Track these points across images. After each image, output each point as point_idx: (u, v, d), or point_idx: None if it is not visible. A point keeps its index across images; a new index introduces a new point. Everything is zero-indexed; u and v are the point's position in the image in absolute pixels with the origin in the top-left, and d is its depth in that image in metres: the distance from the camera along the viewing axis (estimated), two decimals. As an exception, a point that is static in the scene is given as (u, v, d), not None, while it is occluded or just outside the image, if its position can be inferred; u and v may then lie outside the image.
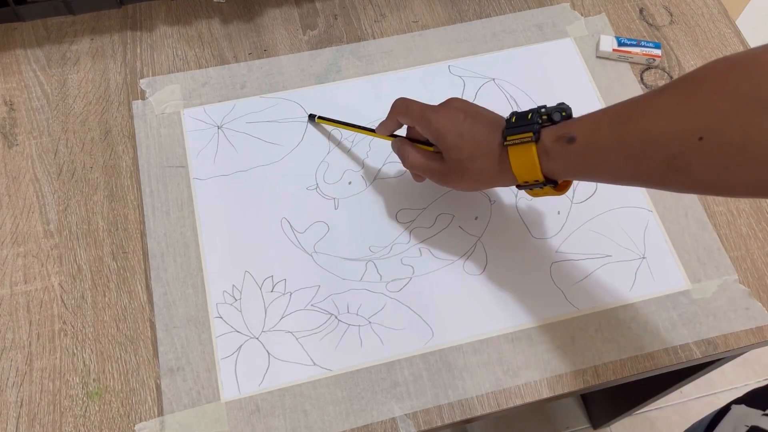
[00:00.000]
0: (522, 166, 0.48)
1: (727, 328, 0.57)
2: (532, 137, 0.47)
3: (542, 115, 0.48)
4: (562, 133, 0.47)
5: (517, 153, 0.48)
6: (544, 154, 0.48)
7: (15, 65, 0.69)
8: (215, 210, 0.62)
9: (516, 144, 0.48)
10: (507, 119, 0.50)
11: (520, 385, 0.55)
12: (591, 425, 1.28)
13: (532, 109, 0.49)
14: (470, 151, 0.51)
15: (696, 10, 0.75)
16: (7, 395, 0.54)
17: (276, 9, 0.74)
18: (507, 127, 0.49)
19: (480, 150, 0.50)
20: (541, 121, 0.48)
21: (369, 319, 0.57)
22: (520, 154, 0.48)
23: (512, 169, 0.49)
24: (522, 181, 0.50)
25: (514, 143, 0.48)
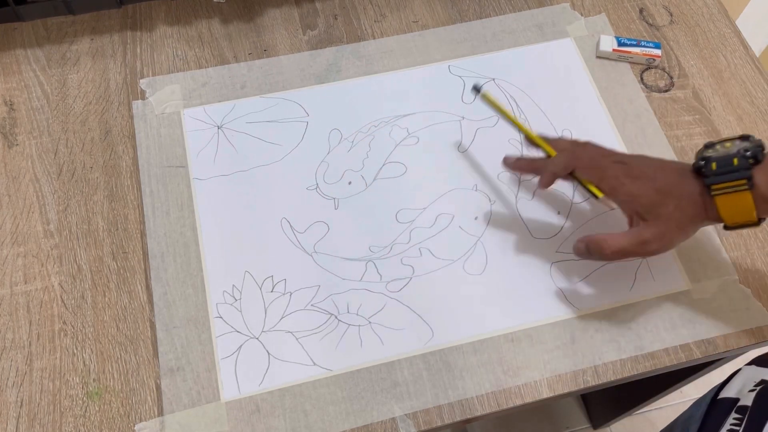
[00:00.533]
0: (734, 212, 0.47)
1: (727, 328, 0.57)
2: (747, 185, 0.46)
3: (749, 158, 0.46)
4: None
5: (727, 201, 0.47)
6: (761, 200, 0.46)
7: (15, 65, 0.69)
8: (215, 210, 0.62)
9: (727, 193, 0.46)
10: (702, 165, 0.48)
11: (520, 385, 0.55)
12: (591, 425, 1.28)
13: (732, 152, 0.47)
14: (675, 204, 0.48)
15: (696, 10, 0.75)
16: (7, 395, 0.54)
17: (276, 9, 0.74)
18: (709, 175, 0.47)
19: (684, 201, 0.48)
20: (749, 165, 0.46)
21: (369, 319, 0.57)
22: (732, 202, 0.46)
23: (721, 215, 0.47)
24: (731, 224, 0.48)
25: (724, 192, 0.46)
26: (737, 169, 0.46)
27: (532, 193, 0.63)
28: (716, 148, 0.48)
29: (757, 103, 0.69)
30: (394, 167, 0.64)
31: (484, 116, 0.67)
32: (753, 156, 0.46)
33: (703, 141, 0.66)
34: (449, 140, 0.66)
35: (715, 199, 0.47)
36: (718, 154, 0.48)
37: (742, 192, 0.46)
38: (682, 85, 0.70)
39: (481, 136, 0.66)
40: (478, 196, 0.63)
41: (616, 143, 0.66)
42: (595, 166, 0.53)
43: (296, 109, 0.67)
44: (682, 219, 0.49)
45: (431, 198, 0.63)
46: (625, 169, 0.51)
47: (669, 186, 0.49)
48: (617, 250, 0.50)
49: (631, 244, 0.50)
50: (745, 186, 0.46)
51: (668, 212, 0.48)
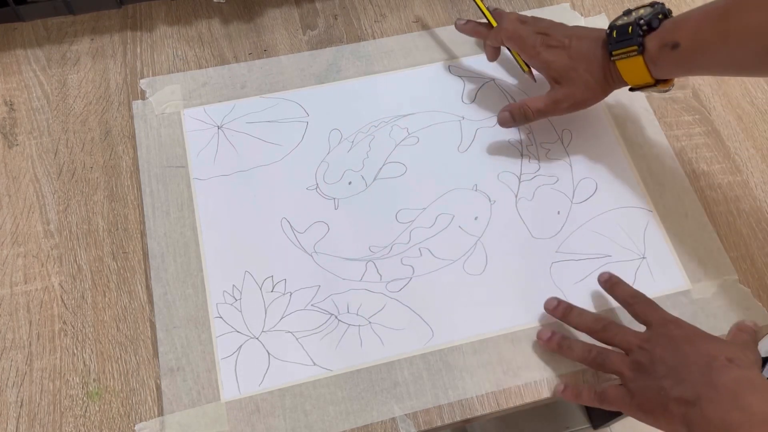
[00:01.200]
0: (632, 75, 0.54)
1: (727, 328, 0.57)
2: (638, 50, 0.53)
3: (642, 27, 0.52)
4: (665, 41, 0.52)
5: (625, 65, 0.54)
6: (651, 62, 0.53)
7: (15, 65, 0.69)
8: (215, 210, 0.62)
9: (623, 58, 0.54)
10: (608, 33, 0.55)
11: (520, 385, 0.55)
12: (591, 425, 1.28)
13: (630, 21, 0.53)
14: (585, 67, 0.56)
15: (696, 10, 0.75)
16: (7, 395, 0.54)
17: (276, 9, 0.74)
18: (609, 43, 0.54)
19: (593, 65, 0.56)
20: (642, 33, 0.53)
21: (369, 319, 0.57)
22: (629, 65, 0.54)
23: (623, 77, 0.55)
24: (633, 85, 0.56)
25: (621, 57, 0.54)
26: (630, 37, 0.53)
27: (532, 193, 0.63)
28: (631, 14, 0.55)
29: (757, 103, 0.69)
30: (394, 167, 0.64)
31: (484, 116, 0.67)
32: (647, 23, 0.53)
33: (702, 141, 0.67)
34: (449, 140, 0.66)
35: (615, 63, 0.55)
36: (623, 22, 0.54)
37: (635, 57, 0.53)
38: (682, 85, 0.70)
39: (481, 136, 0.66)
40: (478, 196, 0.63)
41: (616, 143, 0.66)
42: (517, 37, 0.60)
43: (296, 109, 0.67)
44: (591, 80, 0.57)
45: (431, 198, 0.63)
46: (543, 39, 0.59)
47: (581, 52, 0.57)
48: (536, 110, 0.60)
49: (546, 104, 0.59)
50: (635, 52, 0.53)
51: (578, 75, 0.57)
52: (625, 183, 0.64)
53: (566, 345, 0.53)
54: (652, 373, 0.47)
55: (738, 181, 0.64)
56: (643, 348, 0.48)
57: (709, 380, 0.44)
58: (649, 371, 0.47)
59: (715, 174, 0.65)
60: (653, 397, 0.46)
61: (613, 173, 0.64)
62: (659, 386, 0.46)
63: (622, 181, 0.64)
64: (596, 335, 0.52)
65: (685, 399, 0.44)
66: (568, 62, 0.57)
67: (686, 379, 0.45)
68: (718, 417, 0.42)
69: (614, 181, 0.64)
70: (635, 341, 0.49)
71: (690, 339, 0.48)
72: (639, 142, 0.66)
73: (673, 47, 0.51)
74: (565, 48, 0.58)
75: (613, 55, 0.55)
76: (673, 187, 0.64)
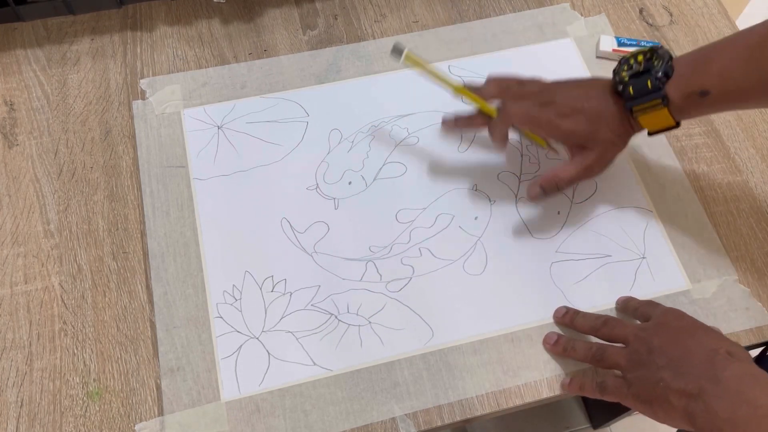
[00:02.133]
0: (654, 124, 0.53)
1: (727, 328, 0.57)
2: (662, 102, 0.51)
3: (660, 79, 0.51)
4: (691, 89, 0.50)
5: (648, 117, 0.52)
6: (677, 110, 0.52)
7: (15, 65, 0.69)
8: (215, 210, 0.62)
9: (647, 112, 0.52)
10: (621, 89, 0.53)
11: (520, 385, 0.55)
12: (591, 425, 1.28)
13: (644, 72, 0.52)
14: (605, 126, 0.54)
15: (696, 10, 0.75)
16: (7, 395, 0.54)
17: (276, 9, 0.74)
18: (627, 99, 0.52)
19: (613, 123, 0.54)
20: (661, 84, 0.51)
21: (369, 319, 0.57)
22: (652, 117, 0.52)
23: (644, 126, 0.54)
24: (654, 131, 0.54)
25: (644, 112, 0.52)
26: (651, 91, 0.51)
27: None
28: (630, 63, 0.54)
29: (757, 103, 0.69)
30: (394, 167, 0.64)
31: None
32: (665, 74, 0.51)
33: (702, 141, 0.67)
34: (449, 140, 0.66)
35: (637, 117, 0.53)
36: (632, 72, 0.53)
37: (659, 110, 0.51)
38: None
39: (481, 136, 0.66)
40: (478, 196, 0.63)
41: (616, 143, 0.66)
42: (528, 119, 0.56)
43: (296, 109, 0.67)
44: (614, 137, 0.55)
45: (431, 198, 0.63)
46: (555, 110, 0.55)
47: (598, 113, 0.54)
48: (570, 179, 0.56)
49: (578, 171, 0.56)
50: (660, 105, 0.51)
51: (602, 136, 0.54)
52: (625, 183, 0.64)
53: (570, 346, 0.54)
54: (650, 364, 0.47)
55: (738, 181, 0.64)
56: (639, 337, 0.49)
57: (712, 374, 0.44)
58: (646, 361, 0.47)
59: (715, 174, 0.65)
60: (652, 388, 0.46)
61: (613, 173, 0.64)
62: (658, 377, 0.46)
63: (622, 181, 0.64)
64: (598, 333, 0.53)
65: (688, 392, 0.44)
66: (589, 127, 0.54)
67: (688, 372, 0.45)
68: (723, 411, 0.42)
69: (614, 181, 0.64)
70: (633, 331, 0.50)
71: (689, 330, 0.48)
72: (639, 142, 0.66)
73: (702, 95, 0.50)
74: (580, 112, 0.54)
75: (633, 112, 0.53)
76: (673, 187, 0.64)
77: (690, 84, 0.50)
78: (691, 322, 0.50)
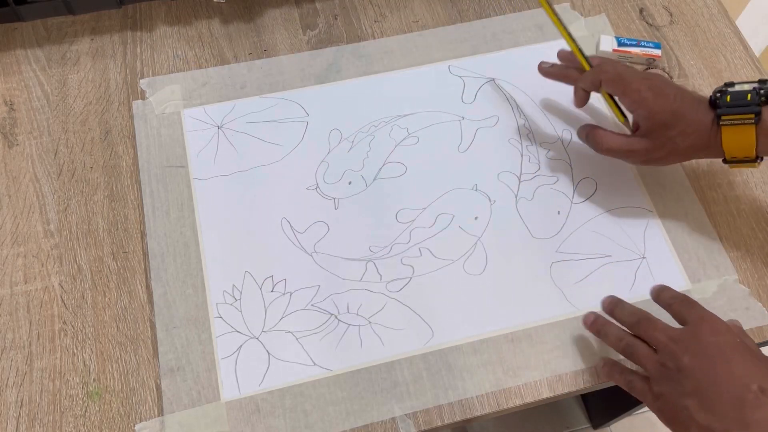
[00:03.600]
0: (735, 145, 0.50)
1: (727, 328, 0.57)
2: (754, 119, 0.49)
3: (762, 96, 0.49)
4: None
5: (732, 133, 0.50)
6: (764, 135, 0.50)
7: (15, 65, 0.69)
8: (215, 210, 0.62)
9: (735, 124, 0.50)
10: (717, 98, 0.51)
11: (520, 385, 0.55)
12: (591, 425, 1.28)
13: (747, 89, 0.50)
14: (682, 129, 0.52)
15: (696, 10, 0.75)
16: (7, 395, 0.54)
17: (276, 9, 0.74)
18: (721, 106, 0.51)
19: (692, 128, 0.52)
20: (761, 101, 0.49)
21: (369, 319, 0.57)
22: (737, 134, 0.50)
23: (723, 146, 0.51)
24: (730, 157, 0.52)
25: (732, 123, 0.50)
26: (749, 104, 0.49)
27: (532, 193, 0.63)
28: (735, 86, 0.52)
29: (757, 103, 0.69)
30: (394, 167, 0.64)
31: (484, 116, 0.67)
32: (766, 95, 0.49)
33: (703, 141, 0.67)
34: (449, 140, 0.66)
35: (722, 128, 0.50)
36: (739, 88, 0.51)
37: (748, 125, 0.49)
38: (682, 85, 0.70)
39: (481, 136, 0.66)
40: (478, 196, 0.63)
41: (616, 143, 0.66)
42: (619, 79, 0.55)
43: (296, 109, 0.67)
44: (681, 145, 0.53)
45: (431, 198, 0.63)
46: (648, 84, 0.54)
47: (683, 110, 0.52)
48: (609, 148, 0.56)
49: (622, 148, 0.55)
50: (752, 120, 0.49)
51: (671, 135, 0.52)
52: (625, 183, 0.64)
53: (603, 331, 0.52)
54: (677, 383, 0.45)
55: (738, 181, 0.64)
56: (670, 350, 0.46)
57: (741, 417, 0.42)
58: (674, 379, 0.45)
59: (715, 174, 0.65)
60: (675, 411, 0.45)
61: (613, 173, 0.64)
62: (684, 404, 0.44)
63: (622, 181, 0.64)
64: (632, 329, 0.51)
65: (712, 430, 0.43)
66: (669, 118, 0.53)
67: (715, 409, 0.43)
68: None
69: (614, 181, 0.64)
70: (663, 339, 0.47)
71: (724, 353, 0.45)
72: (639, 142, 0.66)
73: None
74: (670, 98, 0.53)
75: (722, 120, 0.50)
76: (673, 187, 0.64)
77: None
78: (727, 340, 0.46)
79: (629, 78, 0.55)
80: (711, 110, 0.52)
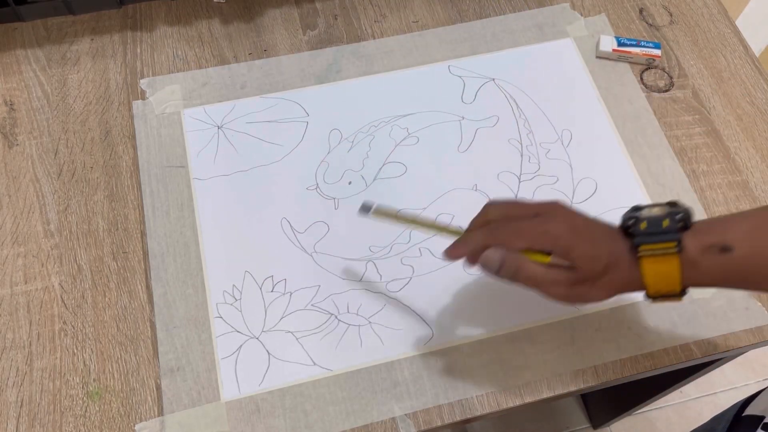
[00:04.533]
0: (658, 278, 0.43)
1: (727, 328, 0.57)
2: (676, 247, 0.42)
3: (678, 221, 0.43)
4: (712, 242, 0.42)
5: (653, 264, 0.43)
6: (689, 265, 0.42)
7: (15, 65, 0.69)
8: (215, 210, 0.62)
9: (656, 254, 0.43)
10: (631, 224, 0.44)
11: (520, 385, 0.55)
12: (591, 425, 1.28)
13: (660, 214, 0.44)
14: (606, 262, 0.44)
15: (696, 10, 0.75)
16: (7, 395, 0.54)
17: (276, 9, 0.74)
18: (637, 234, 0.43)
19: (613, 259, 0.44)
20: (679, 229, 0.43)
21: (369, 319, 0.57)
22: (658, 265, 0.43)
23: (644, 280, 0.43)
24: (653, 292, 0.44)
25: (652, 254, 0.43)
26: (667, 231, 0.43)
27: (532, 193, 0.63)
28: (644, 211, 0.45)
29: (757, 103, 0.69)
30: (394, 167, 0.64)
31: (484, 116, 0.67)
32: (683, 220, 0.43)
33: (703, 141, 0.67)
34: (449, 140, 0.66)
35: (641, 260, 0.43)
36: (651, 214, 0.44)
37: (670, 255, 0.42)
38: (682, 85, 0.70)
39: (481, 136, 0.66)
40: (478, 196, 0.63)
41: (615, 143, 0.66)
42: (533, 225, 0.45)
43: (296, 109, 0.67)
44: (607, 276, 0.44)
45: (431, 198, 0.63)
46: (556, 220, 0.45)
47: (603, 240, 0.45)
48: (529, 277, 0.45)
49: (545, 278, 0.45)
50: (673, 249, 0.42)
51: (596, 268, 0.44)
52: (625, 183, 0.64)
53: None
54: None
55: (738, 181, 0.64)
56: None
57: None
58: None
59: (714, 174, 0.65)
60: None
61: (613, 173, 0.64)
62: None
63: (622, 181, 0.64)
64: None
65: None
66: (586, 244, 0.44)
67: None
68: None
69: (614, 181, 0.64)
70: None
71: None
72: (639, 142, 0.66)
73: (723, 250, 0.42)
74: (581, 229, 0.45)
75: (640, 251, 0.43)
76: (673, 187, 0.64)
77: (711, 236, 0.42)
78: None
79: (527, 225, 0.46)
80: (626, 238, 0.44)
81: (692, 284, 0.44)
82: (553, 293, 0.45)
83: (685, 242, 0.42)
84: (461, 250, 0.48)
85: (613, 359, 0.56)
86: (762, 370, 1.34)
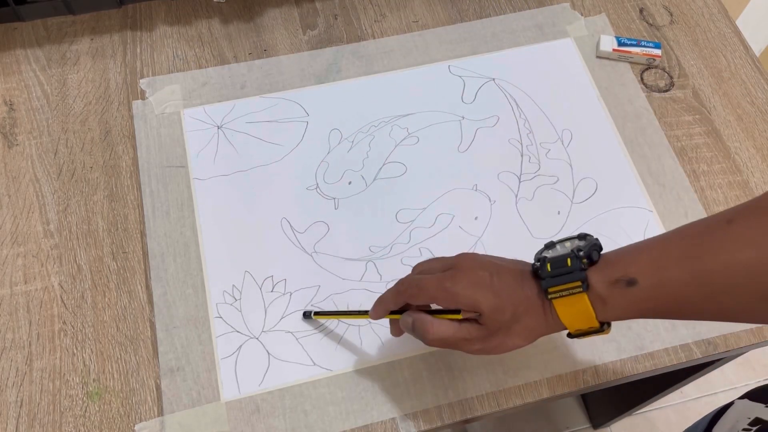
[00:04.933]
0: (574, 318, 0.43)
1: (727, 328, 0.57)
2: (582, 286, 0.42)
3: (582, 258, 0.43)
4: (617, 276, 0.42)
5: (565, 304, 0.43)
6: (599, 301, 0.43)
7: (15, 65, 0.69)
8: (215, 210, 0.62)
9: (564, 295, 0.43)
10: (538, 267, 0.44)
11: (520, 385, 0.55)
12: (591, 425, 1.28)
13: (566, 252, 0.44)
14: (513, 311, 0.44)
15: (696, 10, 0.75)
16: (7, 395, 0.54)
17: (276, 9, 0.74)
18: (544, 277, 0.43)
19: (522, 307, 0.44)
20: (584, 266, 0.43)
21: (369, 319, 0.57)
22: (570, 305, 0.43)
23: (561, 319, 0.44)
24: (574, 330, 0.45)
25: (561, 295, 0.43)
26: (571, 270, 0.43)
27: (532, 193, 0.63)
28: (556, 247, 0.46)
29: (757, 103, 0.69)
30: (394, 167, 0.64)
31: (484, 116, 0.67)
32: (587, 256, 0.43)
33: (703, 141, 0.67)
34: (449, 140, 0.66)
35: (553, 302, 0.43)
36: (555, 254, 0.45)
37: (578, 295, 0.42)
38: (682, 85, 0.70)
39: (481, 136, 0.66)
40: (478, 196, 0.63)
41: (616, 143, 0.66)
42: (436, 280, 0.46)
43: (296, 109, 0.67)
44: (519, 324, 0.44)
45: (431, 198, 0.63)
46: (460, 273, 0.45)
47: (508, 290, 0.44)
48: (439, 339, 0.46)
49: (455, 337, 0.45)
50: (579, 288, 0.42)
51: (504, 319, 0.44)
52: (625, 183, 0.64)
53: None
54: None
55: (738, 181, 0.64)
56: None
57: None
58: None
59: (715, 174, 0.65)
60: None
61: (613, 173, 0.64)
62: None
63: (622, 181, 0.64)
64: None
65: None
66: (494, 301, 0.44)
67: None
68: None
69: (614, 181, 0.64)
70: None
71: None
72: (639, 142, 0.66)
73: (629, 284, 0.41)
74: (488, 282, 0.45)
75: (549, 293, 0.43)
76: (673, 187, 0.64)
77: (615, 270, 0.42)
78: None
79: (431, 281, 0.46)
80: (535, 282, 0.44)
81: (608, 319, 0.44)
82: (467, 350, 0.46)
83: (591, 279, 0.42)
84: (377, 309, 0.50)
85: (613, 359, 0.56)
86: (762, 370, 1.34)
